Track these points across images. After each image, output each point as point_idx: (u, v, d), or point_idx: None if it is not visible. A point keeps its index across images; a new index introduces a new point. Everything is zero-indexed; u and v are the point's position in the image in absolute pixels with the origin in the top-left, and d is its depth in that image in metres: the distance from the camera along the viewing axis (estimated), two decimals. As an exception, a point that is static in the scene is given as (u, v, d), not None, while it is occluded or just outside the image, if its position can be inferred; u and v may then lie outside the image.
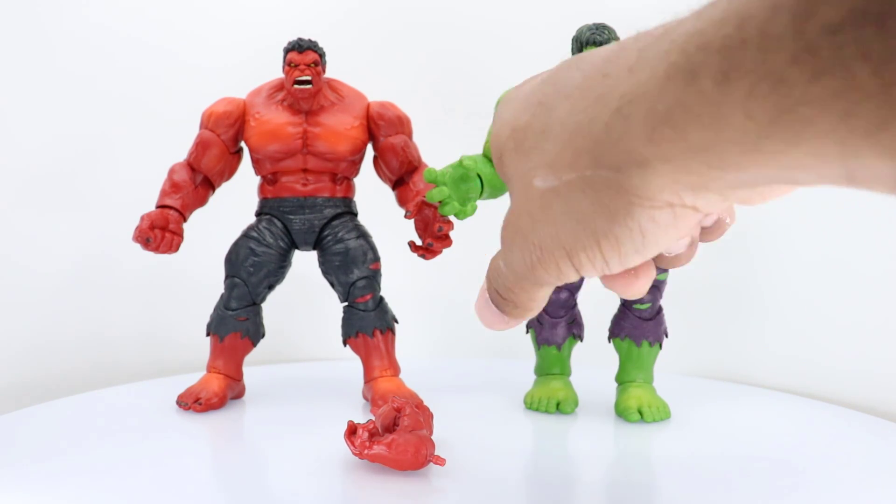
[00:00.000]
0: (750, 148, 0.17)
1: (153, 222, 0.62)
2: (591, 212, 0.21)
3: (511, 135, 0.24)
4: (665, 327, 0.65)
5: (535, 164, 0.23)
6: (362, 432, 0.47)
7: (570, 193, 0.22)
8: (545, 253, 0.23)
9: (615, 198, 0.21)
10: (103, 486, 0.45)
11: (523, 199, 0.24)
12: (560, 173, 0.22)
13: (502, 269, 0.26)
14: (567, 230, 0.22)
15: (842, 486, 0.47)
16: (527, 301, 0.26)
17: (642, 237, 0.21)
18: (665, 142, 0.19)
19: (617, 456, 0.55)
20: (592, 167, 0.21)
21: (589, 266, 0.23)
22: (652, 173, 0.20)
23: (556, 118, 0.22)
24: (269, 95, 0.66)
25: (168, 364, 0.87)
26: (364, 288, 0.65)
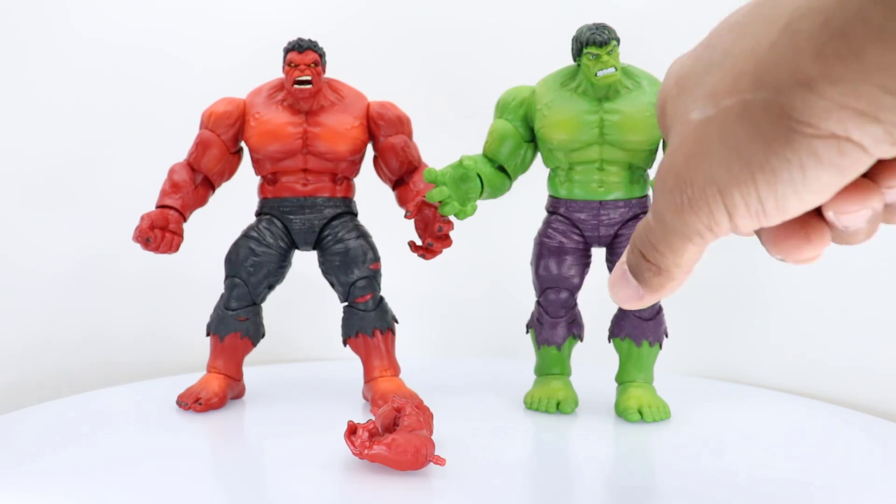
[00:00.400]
0: None
1: (153, 222, 0.62)
2: (747, 140, 0.19)
3: (675, 83, 0.23)
4: (665, 327, 0.65)
5: (694, 97, 0.21)
6: (362, 432, 0.47)
7: (727, 121, 0.20)
8: (696, 191, 0.21)
9: (775, 123, 0.19)
10: (103, 485, 0.45)
11: (679, 138, 0.22)
12: (718, 100, 0.20)
13: (651, 222, 0.23)
14: (721, 162, 0.20)
15: (842, 486, 0.47)
16: (672, 264, 0.24)
17: (802, 173, 0.19)
18: (836, 59, 0.17)
19: (617, 456, 0.55)
20: (752, 90, 0.19)
21: (743, 208, 0.20)
22: (816, 95, 0.18)
23: (720, 49, 0.21)
24: (270, 95, 0.66)
25: (168, 364, 0.87)
26: (364, 288, 0.65)
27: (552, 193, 0.65)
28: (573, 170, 0.63)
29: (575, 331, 0.66)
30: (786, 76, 0.18)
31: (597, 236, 0.63)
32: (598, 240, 0.64)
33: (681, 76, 0.23)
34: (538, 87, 0.64)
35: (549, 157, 0.64)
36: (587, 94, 0.61)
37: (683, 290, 0.83)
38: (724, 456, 0.52)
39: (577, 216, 0.63)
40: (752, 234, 0.23)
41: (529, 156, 0.65)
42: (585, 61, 0.60)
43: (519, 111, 0.64)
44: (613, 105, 0.61)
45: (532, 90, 0.64)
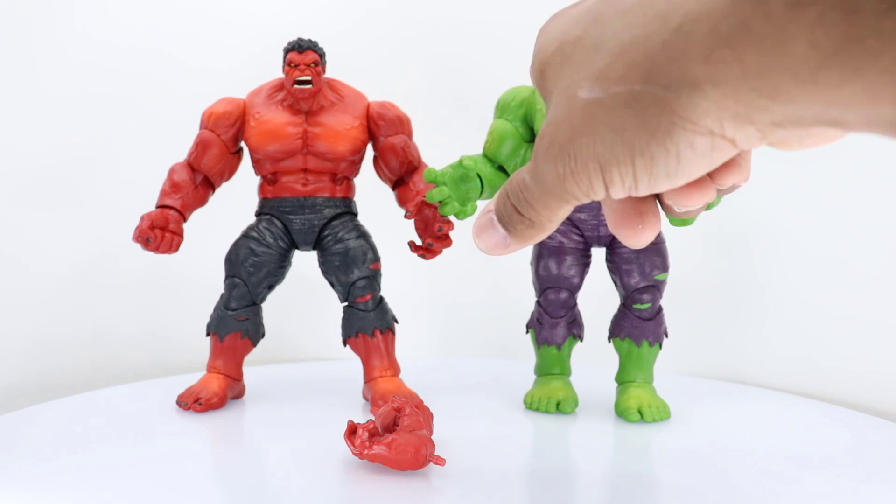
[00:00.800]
0: (805, 78, 0.17)
1: (153, 222, 0.62)
2: (632, 127, 0.21)
3: (559, 48, 0.24)
4: (665, 327, 0.65)
5: (582, 75, 0.23)
6: (362, 432, 0.47)
7: (615, 106, 0.22)
8: (579, 164, 0.23)
9: (659, 115, 0.21)
10: (103, 485, 0.45)
11: (565, 110, 0.23)
12: (608, 85, 0.22)
13: (528, 182, 0.25)
14: (605, 142, 0.22)
15: (841, 486, 0.47)
16: (546, 219, 0.26)
17: (677, 161, 0.21)
18: (721, 63, 0.19)
19: (617, 456, 0.55)
20: (642, 82, 0.21)
21: (618, 183, 0.23)
22: (701, 96, 0.20)
23: (610, 32, 0.22)
24: (269, 95, 0.66)
25: (168, 364, 0.87)
26: (364, 288, 0.65)
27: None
28: (573, 170, 0.63)
29: (575, 331, 0.66)
30: (675, 75, 0.20)
31: (596, 236, 0.63)
32: (597, 240, 0.64)
33: (565, 43, 0.24)
34: (538, 87, 0.64)
35: (549, 157, 0.64)
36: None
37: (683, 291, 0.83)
38: (724, 456, 0.52)
39: (576, 216, 0.63)
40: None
41: (529, 156, 0.65)
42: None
43: (519, 111, 0.64)
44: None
45: (532, 90, 0.64)
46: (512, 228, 0.27)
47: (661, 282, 0.63)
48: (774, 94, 0.18)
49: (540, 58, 0.25)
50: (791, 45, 0.17)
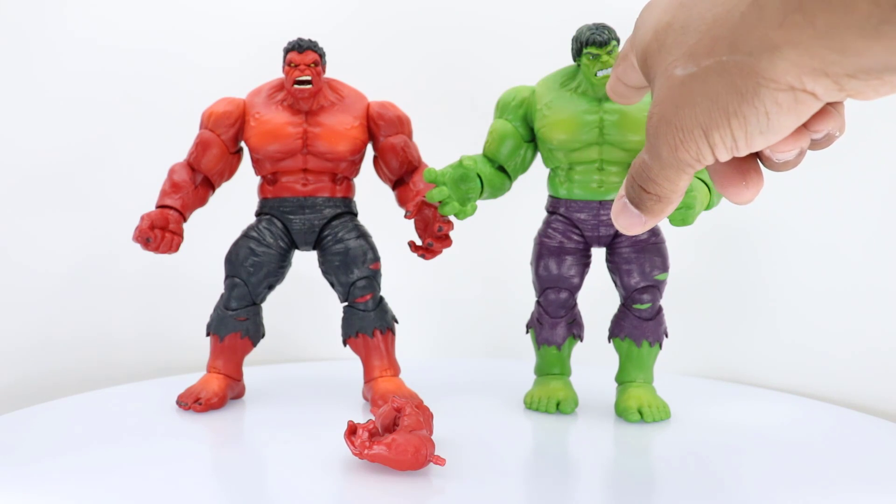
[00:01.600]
0: (870, 32, 0.20)
1: (153, 222, 0.62)
2: (724, 92, 0.24)
3: (654, 36, 0.27)
4: (665, 327, 0.65)
5: (676, 56, 0.26)
6: (362, 432, 0.47)
7: (708, 77, 0.24)
8: (686, 133, 0.26)
9: (745, 80, 0.23)
10: (103, 485, 0.45)
11: (666, 90, 0.26)
12: (699, 60, 0.25)
13: (647, 161, 0.28)
14: (703, 110, 0.25)
15: (841, 486, 0.47)
16: (670, 191, 0.28)
17: (767, 118, 0.24)
18: (795, 27, 0.21)
19: (617, 456, 0.55)
20: (728, 52, 0.24)
21: (721, 145, 0.25)
22: (780, 57, 0.22)
23: (696, 13, 0.25)
24: (269, 95, 0.66)
25: (168, 364, 0.87)
26: (364, 288, 0.65)
27: (552, 193, 0.65)
28: (573, 170, 0.63)
29: (575, 331, 0.66)
30: (756, 41, 0.23)
31: (596, 236, 0.63)
32: (597, 240, 0.64)
33: (658, 31, 0.27)
34: (538, 87, 0.64)
35: (548, 157, 0.64)
36: (587, 95, 0.61)
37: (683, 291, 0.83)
38: (724, 456, 0.52)
39: (576, 216, 0.63)
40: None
41: (529, 156, 0.65)
42: (585, 61, 0.60)
43: (519, 111, 0.64)
44: (613, 105, 0.61)
45: (532, 90, 0.64)
46: (643, 206, 0.29)
47: (661, 282, 0.63)
48: (843, 49, 0.21)
49: (640, 48, 0.28)
50: (855, 5, 0.20)
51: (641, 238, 0.63)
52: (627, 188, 0.30)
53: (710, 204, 0.59)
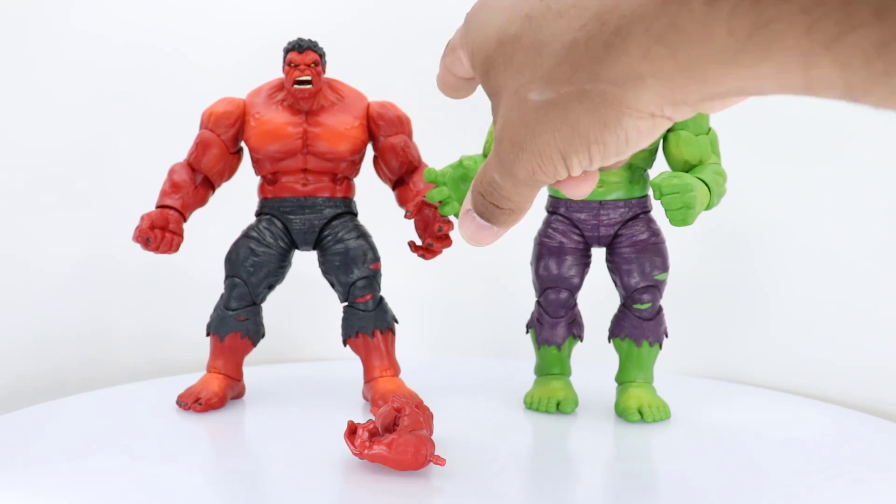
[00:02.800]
0: (728, 61, 0.20)
1: (153, 222, 0.62)
2: (585, 121, 0.24)
3: (499, 48, 0.26)
4: (665, 327, 0.65)
5: (528, 78, 0.25)
6: (362, 432, 0.47)
7: (568, 104, 0.24)
8: (545, 158, 0.26)
9: (609, 109, 0.24)
10: (103, 485, 0.45)
11: (518, 113, 0.26)
12: (558, 86, 0.24)
13: (497, 181, 0.28)
14: (563, 137, 0.25)
15: (841, 486, 0.47)
16: (523, 204, 0.29)
17: (626, 143, 0.25)
18: (658, 59, 0.22)
19: (617, 456, 0.55)
20: (591, 81, 0.23)
21: (577, 166, 0.26)
22: (644, 88, 0.23)
23: (549, 34, 0.24)
24: (269, 95, 0.66)
25: (168, 364, 0.87)
26: (364, 288, 0.65)
27: (552, 193, 0.65)
28: (573, 170, 0.63)
29: (575, 331, 0.66)
30: (621, 72, 0.23)
31: (596, 236, 0.63)
32: (597, 240, 0.64)
33: (503, 42, 0.26)
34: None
35: (549, 157, 0.64)
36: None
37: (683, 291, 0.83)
38: (724, 456, 0.52)
39: (576, 216, 0.63)
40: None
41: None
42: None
43: (519, 111, 0.64)
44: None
45: (532, 90, 0.64)
46: (496, 220, 0.30)
47: (661, 282, 0.63)
48: (704, 79, 0.22)
49: (479, 55, 0.27)
50: (713, 36, 0.20)
51: (642, 238, 0.63)
52: (476, 205, 0.30)
53: (710, 204, 0.59)
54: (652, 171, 0.64)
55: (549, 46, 0.24)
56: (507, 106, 0.27)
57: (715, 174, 0.59)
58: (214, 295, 0.67)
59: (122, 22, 0.86)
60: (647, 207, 0.64)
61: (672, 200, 0.54)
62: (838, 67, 0.18)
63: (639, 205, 0.63)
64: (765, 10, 0.19)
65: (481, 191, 0.29)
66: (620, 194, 0.62)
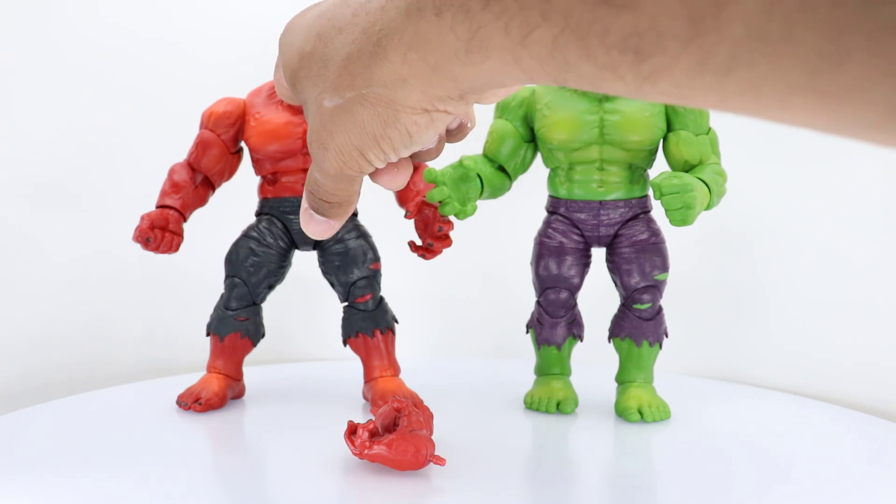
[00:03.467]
0: (463, 61, 0.24)
1: (153, 222, 0.62)
2: (369, 120, 0.28)
3: (300, 63, 0.30)
4: (665, 327, 0.65)
5: (322, 88, 0.29)
6: (362, 432, 0.47)
7: (352, 107, 0.28)
8: (345, 155, 0.30)
9: (385, 108, 0.27)
10: (103, 485, 0.45)
11: (319, 119, 0.30)
12: (342, 92, 0.28)
13: (319, 179, 0.32)
14: (355, 135, 0.29)
15: (841, 486, 0.47)
16: (347, 196, 0.33)
17: (409, 136, 0.29)
18: (414, 63, 0.25)
19: (617, 456, 0.55)
20: (367, 86, 0.27)
21: (375, 160, 0.30)
22: (409, 88, 0.26)
23: (332, 49, 0.28)
24: (270, 95, 0.66)
25: (168, 364, 0.87)
26: (364, 288, 0.65)
27: (552, 193, 0.65)
28: (573, 170, 0.63)
29: (575, 331, 0.66)
30: (388, 76, 0.26)
31: (597, 236, 0.63)
32: (597, 240, 0.64)
33: (303, 57, 0.30)
34: (538, 88, 0.64)
35: (549, 157, 0.64)
36: (587, 94, 0.61)
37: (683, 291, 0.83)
38: (724, 456, 0.52)
39: (577, 216, 0.63)
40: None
41: (529, 156, 0.65)
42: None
43: (519, 111, 0.64)
44: (613, 105, 0.61)
45: (532, 90, 0.64)
46: (329, 213, 0.34)
47: (661, 282, 0.63)
48: (454, 77, 0.25)
49: (289, 70, 0.31)
50: (446, 41, 0.23)
51: (642, 238, 0.63)
52: (310, 201, 0.33)
53: (710, 204, 0.59)
54: (652, 171, 0.64)
55: (333, 59, 0.28)
56: (311, 113, 0.30)
57: (715, 174, 0.59)
58: (214, 295, 0.67)
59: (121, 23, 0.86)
60: (648, 207, 0.64)
61: (672, 200, 0.54)
62: (536, 60, 0.22)
63: (639, 205, 0.63)
64: (474, 17, 0.22)
65: (310, 189, 0.33)
66: (620, 194, 0.62)
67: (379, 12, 0.26)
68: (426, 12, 0.24)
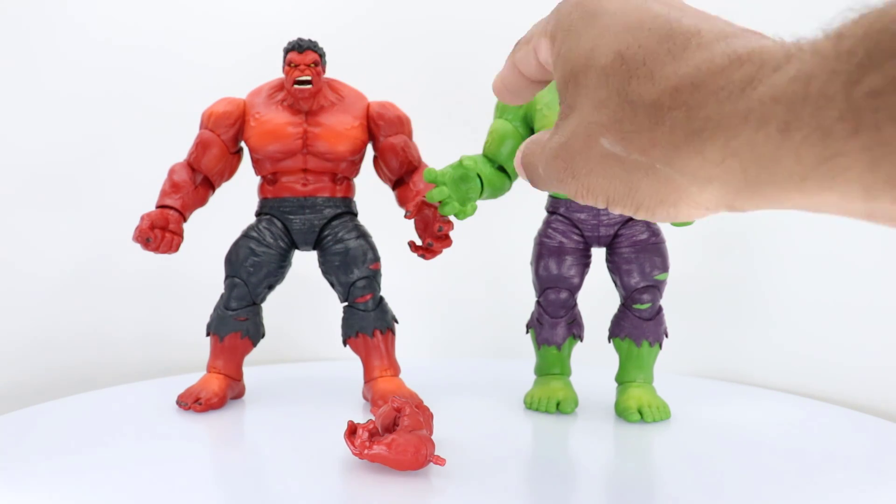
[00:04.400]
0: (793, 188, 0.21)
1: (153, 222, 0.62)
2: (645, 190, 0.25)
3: (585, 69, 0.26)
4: (665, 327, 0.65)
5: (606, 122, 0.25)
6: (362, 432, 0.47)
7: (634, 170, 0.25)
8: (589, 194, 0.27)
9: (671, 192, 0.25)
10: (103, 485, 0.45)
11: (584, 146, 0.26)
12: (631, 151, 0.25)
13: (540, 173, 0.30)
14: (616, 190, 0.26)
15: (842, 486, 0.47)
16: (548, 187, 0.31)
17: (672, 219, 0.26)
18: (730, 171, 0.22)
19: (617, 456, 0.55)
20: (664, 163, 0.24)
21: (618, 212, 0.28)
22: (709, 189, 0.24)
23: (637, 93, 0.24)
24: (270, 95, 0.66)
25: (168, 364, 0.87)
26: (364, 288, 0.65)
27: (552, 193, 0.65)
28: (573, 170, 0.63)
29: (575, 331, 0.66)
30: (694, 168, 0.23)
31: (596, 236, 0.63)
32: (597, 240, 0.64)
33: (590, 67, 0.26)
34: (538, 87, 0.64)
35: (549, 157, 0.64)
36: (587, 94, 0.61)
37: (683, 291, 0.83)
38: (724, 456, 0.52)
39: (576, 216, 0.63)
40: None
41: (529, 156, 0.65)
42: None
43: (519, 111, 0.64)
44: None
45: (532, 90, 0.64)
46: (535, 183, 0.32)
47: (661, 282, 0.63)
48: (765, 196, 0.22)
49: (568, 65, 0.27)
50: (782, 163, 0.21)
51: (641, 238, 0.63)
52: (518, 162, 0.32)
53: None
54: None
55: (634, 105, 0.24)
56: (574, 130, 0.27)
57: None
58: (214, 295, 0.67)
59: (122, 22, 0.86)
60: (647, 207, 0.64)
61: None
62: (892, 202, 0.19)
63: (639, 205, 0.63)
64: (832, 143, 0.19)
65: (524, 162, 0.31)
66: (620, 194, 0.62)
67: (714, 102, 0.22)
68: (769, 125, 0.20)
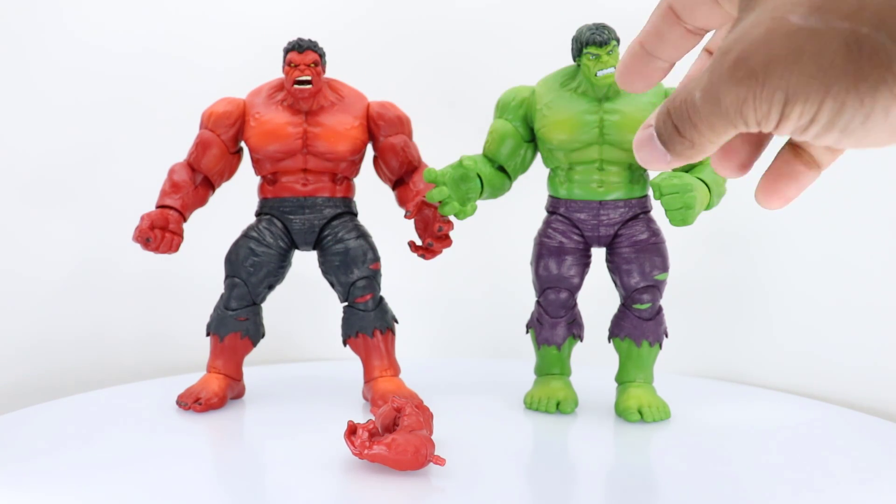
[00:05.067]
0: None
1: (153, 222, 0.62)
2: (839, 67, 0.20)
3: None
4: (665, 327, 0.65)
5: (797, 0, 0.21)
6: (362, 432, 0.47)
7: (831, 41, 0.20)
8: (766, 90, 0.21)
9: (874, 67, 0.19)
10: (103, 485, 0.45)
11: (765, 32, 0.22)
12: (830, 18, 0.20)
13: (696, 101, 0.24)
14: (802, 75, 0.21)
15: (842, 486, 0.47)
16: (707, 142, 0.24)
17: (864, 119, 0.20)
18: None
19: (617, 456, 0.55)
20: (873, 27, 0.19)
21: (794, 121, 0.22)
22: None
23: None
24: (269, 95, 0.66)
25: (168, 364, 0.87)
26: (364, 288, 0.65)
27: (552, 193, 0.65)
28: (573, 170, 0.63)
29: (575, 331, 0.66)
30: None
31: (596, 236, 0.63)
32: (597, 240, 0.64)
33: None
34: (538, 88, 0.64)
35: (548, 157, 0.64)
36: (587, 95, 0.61)
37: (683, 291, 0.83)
38: (724, 456, 0.52)
39: (576, 216, 0.63)
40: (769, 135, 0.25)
41: (529, 156, 0.65)
42: (585, 61, 0.60)
43: (519, 111, 0.64)
44: (613, 105, 0.61)
45: (532, 90, 0.64)
46: (672, 148, 0.25)
47: (661, 282, 0.63)
48: None
49: None
50: None
51: (641, 238, 0.63)
52: (659, 122, 0.25)
53: (710, 204, 0.59)
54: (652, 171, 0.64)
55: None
56: (755, 21, 0.22)
57: (715, 174, 0.59)
58: (214, 295, 0.67)
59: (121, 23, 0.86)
60: (647, 207, 0.64)
61: (672, 200, 0.54)
62: None
63: (639, 205, 0.63)
64: None
65: (670, 107, 0.25)
66: (620, 194, 0.62)
67: None
68: None
